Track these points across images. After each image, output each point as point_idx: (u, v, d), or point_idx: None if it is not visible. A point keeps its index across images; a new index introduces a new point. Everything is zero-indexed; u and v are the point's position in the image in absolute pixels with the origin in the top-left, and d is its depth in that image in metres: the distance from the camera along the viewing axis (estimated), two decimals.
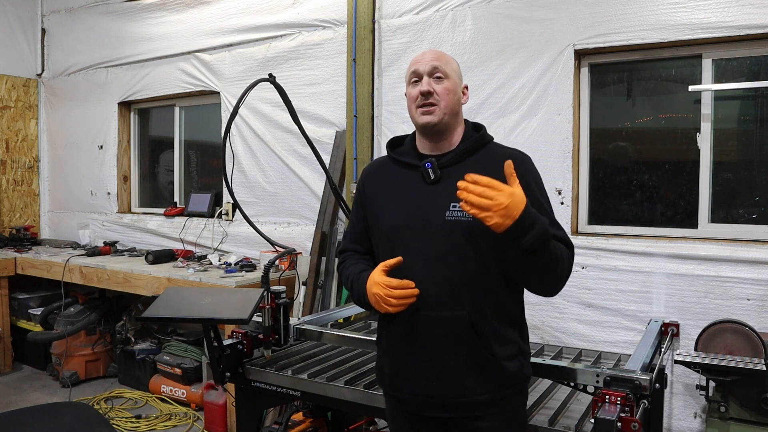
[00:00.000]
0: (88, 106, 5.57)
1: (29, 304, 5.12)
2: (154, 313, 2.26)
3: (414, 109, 1.72)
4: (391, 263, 1.63)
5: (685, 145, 3.04)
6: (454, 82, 1.72)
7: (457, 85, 1.74)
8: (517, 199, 1.43)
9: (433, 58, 1.70)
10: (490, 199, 1.40)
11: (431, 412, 1.70)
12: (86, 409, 2.28)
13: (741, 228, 2.91)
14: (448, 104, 1.69)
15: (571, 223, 3.19)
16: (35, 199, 6.01)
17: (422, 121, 1.69)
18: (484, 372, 1.65)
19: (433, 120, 1.68)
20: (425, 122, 1.69)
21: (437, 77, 1.69)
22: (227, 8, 4.51)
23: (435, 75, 1.69)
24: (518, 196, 1.43)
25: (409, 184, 1.73)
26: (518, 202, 1.43)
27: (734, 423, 2.37)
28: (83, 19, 5.55)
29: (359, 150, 3.73)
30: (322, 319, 2.85)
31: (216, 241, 4.58)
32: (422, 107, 1.69)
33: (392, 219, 1.73)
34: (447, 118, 1.70)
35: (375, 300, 1.63)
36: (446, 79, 1.69)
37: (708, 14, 2.81)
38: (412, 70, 1.72)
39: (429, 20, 3.57)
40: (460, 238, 1.63)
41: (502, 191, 1.42)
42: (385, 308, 1.61)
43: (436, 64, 1.69)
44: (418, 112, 1.70)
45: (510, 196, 1.42)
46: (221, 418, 3.74)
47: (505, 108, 3.32)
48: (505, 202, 1.41)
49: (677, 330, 2.85)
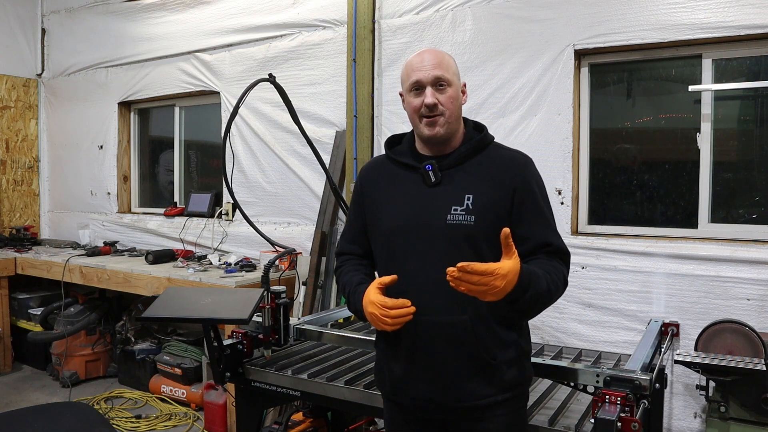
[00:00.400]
0: (88, 106, 5.57)
1: (29, 304, 5.12)
2: (154, 313, 2.26)
3: (417, 119, 1.67)
4: (385, 281, 1.61)
5: (685, 145, 3.04)
6: (456, 87, 1.68)
7: (459, 88, 1.70)
8: (512, 275, 1.43)
9: (433, 65, 1.64)
10: (485, 285, 1.41)
11: (431, 416, 1.70)
12: (86, 409, 2.28)
13: (741, 228, 2.91)
14: (453, 112, 1.66)
15: (571, 223, 3.19)
16: (35, 199, 6.01)
17: (428, 134, 1.66)
18: (485, 376, 1.64)
19: (440, 132, 1.65)
20: (432, 135, 1.65)
21: (440, 87, 1.64)
22: (227, 8, 4.51)
23: (439, 85, 1.64)
24: (513, 272, 1.43)
25: (408, 185, 1.71)
26: (513, 277, 1.43)
27: (734, 423, 2.37)
28: (83, 19, 5.55)
29: (359, 150, 3.73)
30: (322, 319, 2.85)
31: (216, 241, 4.58)
32: (427, 118, 1.64)
33: (392, 220, 1.70)
34: (452, 126, 1.67)
35: (371, 319, 1.63)
36: (449, 86, 1.65)
37: (708, 14, 2.81)
38: (414, 79, 1.65)
39: (429, 20, 3.57)
40: (461, 241, 1.61)
41: (496, 276, 1.41)
42: (381, 327, 1.60)
43: (438, 73, 1.63)
44: (422, 124, 1.66)
45: (504, 277, 1.42)
46: (221, 418, 3.74)
47: (505, 108, 3.32)
48: (501, 285, 1.42)
49: (677, 330, 2.85)
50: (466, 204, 1.62)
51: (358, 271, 1.81)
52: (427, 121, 1.65)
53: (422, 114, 1.65)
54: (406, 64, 1.72)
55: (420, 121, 1.67)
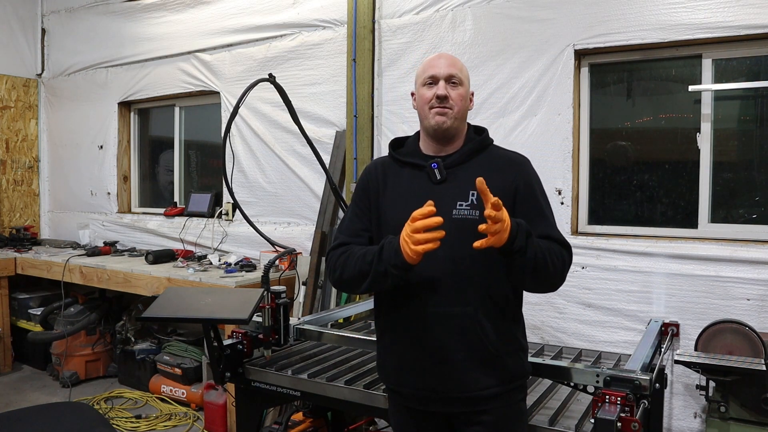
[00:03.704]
0: (88, 106, 5.57)
1: (29, 304, 5.12)
2: (154, 313, 2.26)
3: (426, 109, 1.74)
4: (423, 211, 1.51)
5: (685, 145, 3.04)
6: (467, 89, 1.78)
7: (468, 92, 1.80)
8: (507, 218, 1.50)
9: (449, 64, 1.75)
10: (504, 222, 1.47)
11: (435, 406, 1.74)
12: (86, 409, 2.28)
13: (741, 228, 2.91)
14: (461, 110, 1.75)
15: (571, 223, 3.19)
16: (35, 199, 6.01)
17: (435, 122, 1.72)
18: (487, 367, 1.69)
19: (447, 122, 1.72)
20: (438, 122, 1.72)
21: (453, 83, 1.74)
22: (227, 8, 4.51)
23: (451, 81, 1.73)
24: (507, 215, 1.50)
25: (414, 183, 1.76)
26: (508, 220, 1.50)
27: (734, 423, 2.37)
28: (83, 19, 5.55)
29: (359, 150, 3.73)
30: (322, 319, 2.84)
31: (216, 241, 4.58)
32: (437, 108, 1.72)
33: (399, 217, 1.70)
34: (457, 123, 1.75)
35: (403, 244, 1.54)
36: (461, 86, 1.75)
37: (708, 14, 2.81)
38: (429, 73, 1.74)
39: (429, 20, 3.57)
40: (466, 236, 1.63)
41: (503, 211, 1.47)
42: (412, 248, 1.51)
43: (453, 71, 1.73)
44: (431, 113, 1.73)
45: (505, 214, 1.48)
46: (221, 418, 3.74)
47: (505, 108, 3.32)
48: (507, 220, 1.49)
49: (677, 330, 2.85)
50: (470, 199, 1.69)
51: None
52: (437, 111, 1.72)
53: (433, 105, 1.72)
54: (423, 63, 1.81)
55: (429, 111, 1.74)
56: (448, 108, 1.72)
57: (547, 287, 1.71)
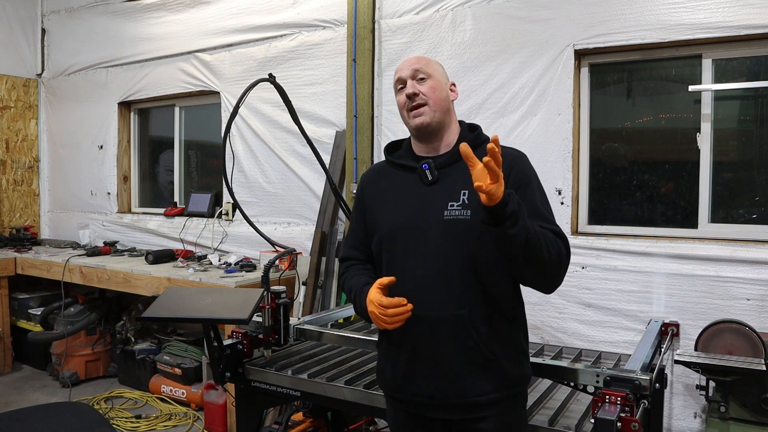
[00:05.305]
0: (88, 106, 5.57)
1: (29, 304, 5.12)
2: (154, 313, 2.26)
3: (405, 114, 1.75)
4: (384, 282, 1.65)
5: (685, 145, 3.04)
6: (438, 80, 1.74)
7: (442, 82, 1.76)
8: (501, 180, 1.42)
9: (413, 62, 1.75)
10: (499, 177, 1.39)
11: (433, 413, 1.70)
12: (86, 409, 2.28)
13: (741, 228, 2.91)
14: (437, 101, 1.71)
15: (571, 223, 3.19)
16: (35, 199, 6.01)
17: (415, 123, 1.72)
18: (484, 372, 1.65)
19: (426, 120, 1.70)
20: (418, 124, 1.71)
21: (420, 78, 1.72)
22: (227, 8, 4.51)
23: (418, 77, 1.72)
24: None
25: (406, 186, 1.75)
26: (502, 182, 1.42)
27: (734, 423, 2.37)
28: (83, 19, 5.55)
29: (359, 150, 3.73)
30: (322, 319, 2.84)
31: (216, 241, 4.58)
32: (412, 110, 1.71)
33: (391, 221, 1.74)
34: (438, 115, 1.72)
35: (372, 318, 1.68)
36: (429, 78, 1.72)
37: (708, 14, 2.81)
38: (396, 78, 1.77)
39: (429, 20, 3.57)
40: (458, 236, 1.63)
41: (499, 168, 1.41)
42: (382, 326, 1.65)
43: (416, 66, 1.73)
44: (410, 116, 1.73)
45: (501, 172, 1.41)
46: (221, 418, 3.74)
47: (505, 108, 3.32)
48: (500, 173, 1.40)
49: (677, 330, 2.85)
50: (462, 199, 1.65)
51: (363, 274, 1.83)
52: (413, 113, 1.72)
53: (408, 106, 1.72)
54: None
55: (408, 115, 1.74)
56: (422, 104, 1.70)
57: (545, 278, 1.59)
